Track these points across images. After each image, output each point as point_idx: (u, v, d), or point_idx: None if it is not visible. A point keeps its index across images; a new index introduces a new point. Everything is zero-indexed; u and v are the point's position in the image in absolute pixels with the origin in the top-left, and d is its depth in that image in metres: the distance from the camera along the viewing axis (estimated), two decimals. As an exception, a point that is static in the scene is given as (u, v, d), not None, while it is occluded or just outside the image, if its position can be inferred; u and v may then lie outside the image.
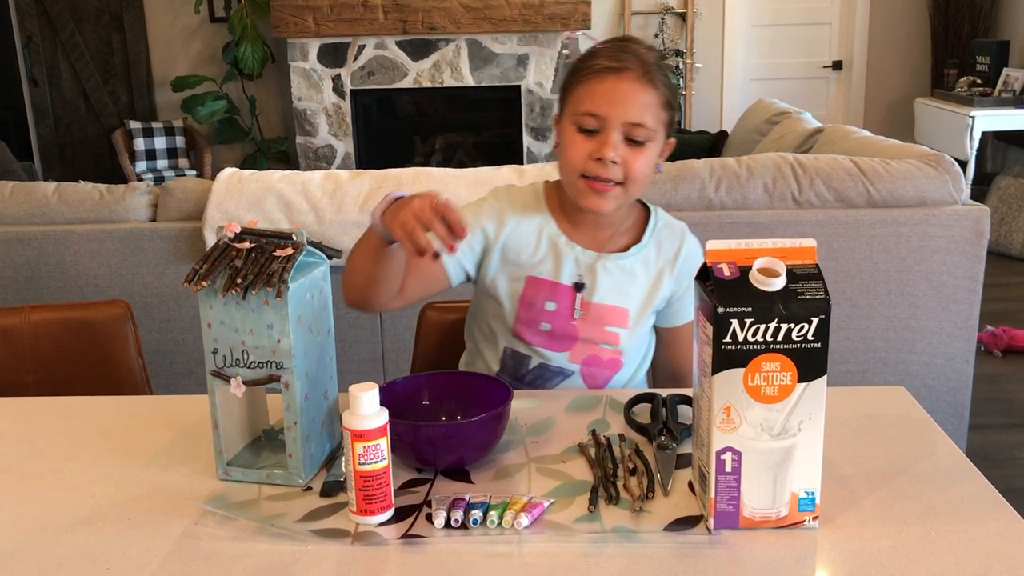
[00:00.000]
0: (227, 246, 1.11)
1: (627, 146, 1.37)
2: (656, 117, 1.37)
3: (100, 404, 1.41)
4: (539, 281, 1.47)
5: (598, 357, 1.48)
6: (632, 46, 1.39)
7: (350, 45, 5.51)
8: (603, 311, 1.47)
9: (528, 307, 1.47)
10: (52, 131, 6.18)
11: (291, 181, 2.52)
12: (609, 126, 1.36)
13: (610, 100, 1.35)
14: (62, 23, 6.00)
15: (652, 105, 1.36)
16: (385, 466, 1.02)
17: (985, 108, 5.08)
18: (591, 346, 1.48)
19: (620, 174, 1.37)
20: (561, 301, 1.47)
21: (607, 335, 1.48)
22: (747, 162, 2.49)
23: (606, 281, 1.47)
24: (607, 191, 1.38)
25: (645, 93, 1.36)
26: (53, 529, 1.04)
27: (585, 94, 1.38)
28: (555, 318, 1.47)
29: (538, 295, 1.47)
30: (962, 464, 1.14)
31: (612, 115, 1.35)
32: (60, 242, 2.52)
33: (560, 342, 1.48)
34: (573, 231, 1.49)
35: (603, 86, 1.36)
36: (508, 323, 1.49)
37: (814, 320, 0.95)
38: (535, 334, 1.48)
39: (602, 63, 1.37)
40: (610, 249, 1.49)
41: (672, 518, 1.03)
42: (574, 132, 1.39)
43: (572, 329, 1.47)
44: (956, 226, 2.39)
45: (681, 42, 5.96)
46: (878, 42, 6.03)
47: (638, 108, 1.35)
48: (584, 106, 1.37)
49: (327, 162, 5.68)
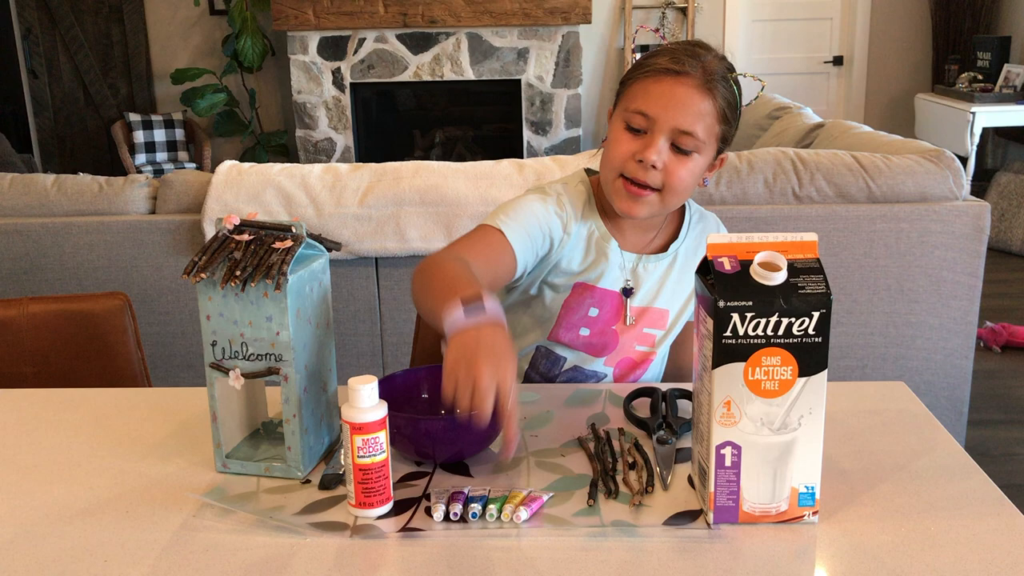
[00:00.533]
0: (226, 238, 1.11)
1: (673, 153, 1.32)
2: (708, 129, 1.32)
3: (98, 396, 1.40)
4: (587, 287, 1.43)
5: (631, 359, 1.47)
6: (700, 51, 1.33)
7: (350, 38, 5.50)
8: (644, 313, 1.45)
9: (571, 312, 1.43)
10: (51, 123, 6.18)
11: (290, 174, 2.52)
12: (657, 129, 1.31)
13: (663, 103, 1.30)
14: (61, 15, 5.99)
15: (706, 115, 1.31)
16: (384, 459, 1.02)
17: (986, 104, 5.08)
18: (629, 350, 1.47)
19: (659, 180, 1.33)
20: (604, 307, 1.44)
21: (644, 337, 1.46)
22: (748, 157, 2.49)
23: (649, 281, 1.45)
24: (642, 196, 1.34)
25: (701, 101, 1.30)
26: (51, 521, 1.04)
27: (640, 91, 1.33)
28: (596, 323, 1.44)
29: (584, 301, 1.43)
30: (962, 460, 1.14)
31: (663, 118, 1.30)
32: (59, 234, 2.52)
33: (599, 347, 1.45)
34: (616, 232, 1.45)
35: (659, 87, 1.31)
36: (547, 326, 1.45)
37: (815, 314, 0.95)
38: (575, 338, 1.45)
39: (663, 63, 1.31)
40: (651, 250, 1.46)
41: (671, 512, 1.03)
42: (622, 129, 1.35)
43: (613, 335, 1.45)
44: (956, 222, 2.39)
45: (682, 36, 5.94)
46: (879, 37, 6.02)
47: (691, 116, 1.30)
48: (636, 104, 1.32)
49: (327, 155, 5.68)
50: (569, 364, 1.47)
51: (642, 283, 1.45)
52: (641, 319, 1.46)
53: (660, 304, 1.46)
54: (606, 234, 1.44)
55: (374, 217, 2.46)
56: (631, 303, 1.44)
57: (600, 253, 1.43)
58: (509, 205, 1.39)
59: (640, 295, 1.45)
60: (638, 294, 1.45)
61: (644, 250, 1.46)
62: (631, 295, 1.44)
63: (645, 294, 1.45)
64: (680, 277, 1.47)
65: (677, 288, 1.47)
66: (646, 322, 1.46)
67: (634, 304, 1.45)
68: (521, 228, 1.35)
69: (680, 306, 1.47)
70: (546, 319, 1.45)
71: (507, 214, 1.36)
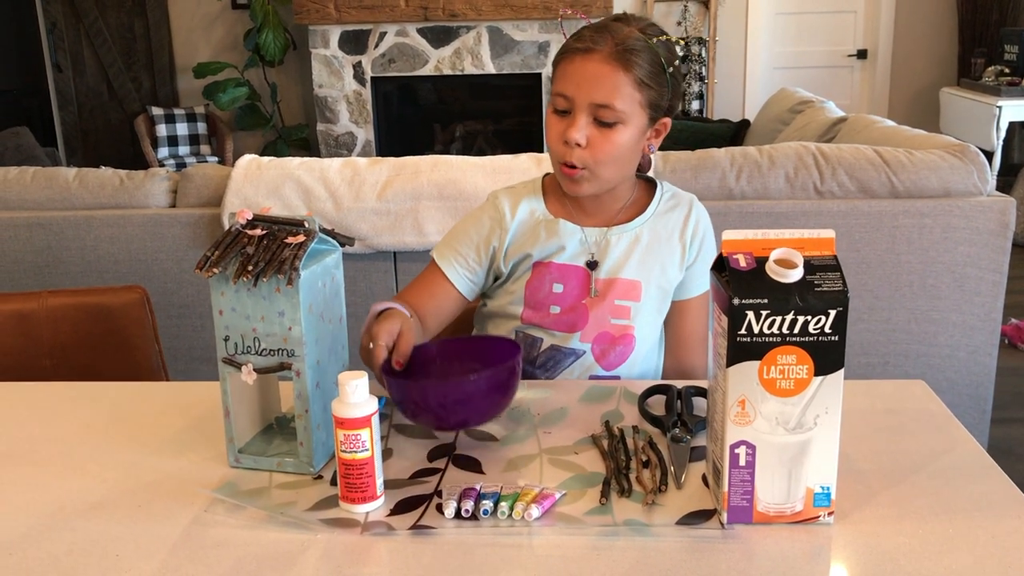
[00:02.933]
0: (239, 233, 1.10)
1: (596, 127, 1.36)
2: (628, 98, 1.34)
3: (114, 390, 1.41)
4: (544, 265, 1.47)
5: (609, 334, 1.47)
6: (614, 25, 1.36)
7: (371, 32, 5.50)
8: (613, 284, 1.46)
9: (536, 291, 1.47)
10: (75, 117, 6.22)
11: (309, 168, 2.52)
12: (577, 107, 1.35)
13: (577, 80, 1.35)
14: (85, 9, 6.03)
15: (621, 85, 1.33)
16: (367, 457, 1.01)
17: (1013, 98, 5.01)
18: (602, 323, 1.47)
19: (586, 158, 1.36)
20: (569, 282, 1.46)
21: (618, 309, 1.47)
22: (769, 151, 2.47)
23: (614, 253, 1.46)
24: (574, 174, 1.38)
25: (613, 74, 1.33)
26: (64, 514, 1.04)
27: (559, 74, 1.38)
28: (564, 299, 1.47)
29: (544, 278, 1.47)
30: (982, 460, 1.12)
31: (578, 96, 1.34)
32: (80, 227, 2.53)
33: (570, 323, 1.47)
34: (578, 213, 1.49)
35: (572, 66, 1.36)
36: (517, 310, 1.49)
37: (831, 312, 0.93)
38: (545, 317, 1.47)
39: (572, 43, 1.37)
40: (616, 223, 1.48)
41: (685, 512, 1.02)
42: (551, 113, 1.40)
43: (583, 308, 1.46)
44: (980, 217, 2.35)
45: (704, 30, 5.91)
46: (904, 30, 5.96)
47: (604, 89, 1.33)
48: (557, 86, 1.38)
49: (347, 149, 5.69)
50: (546, 344, 1.48)
51: (607, 255, 1.46)
52: (610, 291, 1.46)
53: (629, 275, 1.46)
54: (552, 218, 1.48)
55: (392, 211, 2.45)
56: (596, 275, 1.46)
57: (550, 232, 1.47)
58: (451, 231, 1.53)
59: (606, 267, 1.46)
60: (604, 265, 1.46)
61: (609, 223, 1.48)
62: (596, 267, 1.46)
63: (611, 265, 1.46)
64: (648, 254, 1.47)
65: (646, 260, 1.47)
66: (617, 294, 1.46)
67: (601, 276, 1.46)
68: (455, 253, 1.50)
69: (651, 276, 1.47)
70: (515, 303, 1.49)
71: (445, 243, 1.52)
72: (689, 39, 5.87)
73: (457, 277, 1.49)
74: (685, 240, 1.48)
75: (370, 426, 1.01)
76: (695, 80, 5.91)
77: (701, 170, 2.43)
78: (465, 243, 1.50)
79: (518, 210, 1.50)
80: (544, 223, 1.48)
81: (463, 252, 1.50)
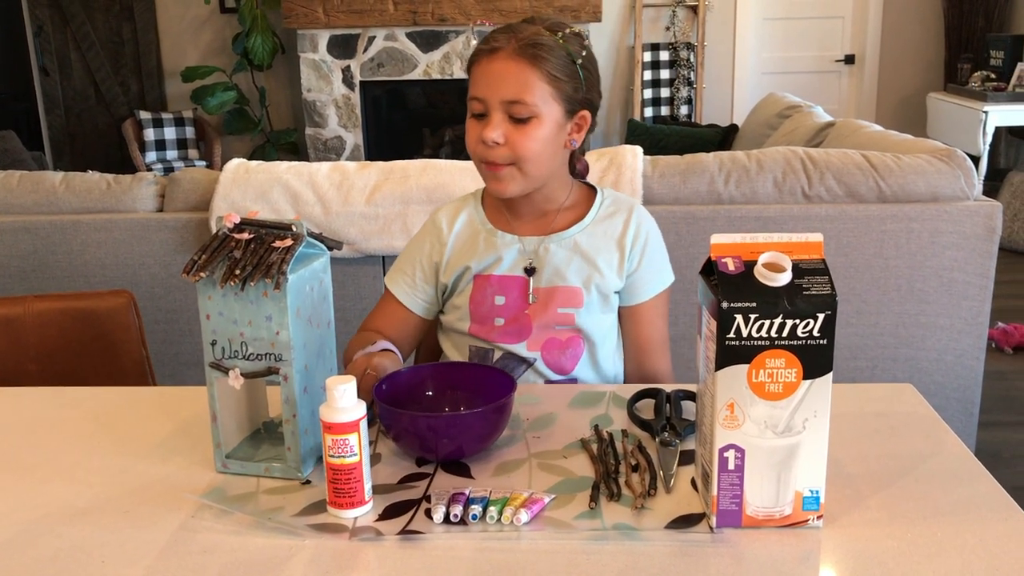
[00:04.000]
0: (226, 237, 1.10)
1: (512, 124, 1.37)
2: (539, 92, 1.36)
3: (100, 395, 1.40)
4: (485, 278, 1.49)
5: (556, 339, 1.48)
6: (519, 25, 1.40)
7: (360, 36, 5.49)
8: (554, 293, 1.47)
9: (479, 305, 1.49)
10: (63, 121, 6.19)
11: (298, 172, 2.51)
12: (490, 107, 1.37)
13: (486, 81, 1.37)
14: (73, 13, 6.01)
15: (531, 80, 1.35)
16: (355, 462, 1.01)
17: (999, 103, 5.04)
18: (547, 331, 1.47)
19: (506, 155, 1.38)
20: (510, 293, 1.48)
21: (561, 317, 1.47)
22: (757, 156, 2.47)
23: (552, 261, 1.47)
24: (498, 172, 1.40)
25: (519, 70, 1.35)
26: (50, 520, 1.04)
27: (471, 79, 1.40)
28: (507, 310, 1.48)
29: (486, 292, 1.48)
30: (970, 464, 1.12)
31: (490, 96, 1.37)
32: (67, 231, 2.52)
33: (515, 334, 1.48)
34: (515, 221, 1.50)
35: (480, 68, 1.38)
36: (464, 325, 1.50)
37: (820, 316, 0.94)
38: (490, 330, 1.48)
39: (480, 46, 1.39)
40: (553, 230, 1.49)
41: (674, 516, 1.02)
42: (469, 119, 1.42)
43: (526, 319, 1.47)
44: (967, 222, 2.36)
45: (693, 35, 5.92)
46: (891, 36, 5.99)
47: (513, 86, 1.35)
48: (471, 91, 1.40)
49: (336, 153, 5.68)
50: (498, 355, 1.49)
51: (546, 263, 1.47)
52: (552, 299, 1.47)
53: (569, 282, 1.47)
54: (492, 227, 1.50)
55: (381, 215, 2.45)
56: (534, 283, 1.47)
57: (488, 245, 1.49)
58: (400, 254, 1.58)
59: (546, 275, 1.47)
60: (543, 274, 1.47)
61: (546, 232, 1.49)
62: (534, 274, 1.47)
63: (550, 274, 1.47)
64: (586, 260, 1.47)
65: (585, 266, 1.47)
66: (559, 302, 1.47)
67: (540, 285, 1.47)
68: (402, 275, 1.55)
69: (591, 283, 1.47)
70: (462, 318, 1.50)
71: (395, 267, 1.57)
72: (678, 44, 5.89)
73: (408, 299, 1.54)
74: (624, 246, 1.48)
75: (358, 431, 1.01)
76: (684, 85, 5.92)
77: (690, 174, 2.44)
78: (410, 264, 1.54)
79: (456, 223, 1.52)
80: (483, 234, 1.50)
81: (409, 273, 1.54)
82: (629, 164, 2.44)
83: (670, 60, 5.92)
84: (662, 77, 5.93)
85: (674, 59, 5.92)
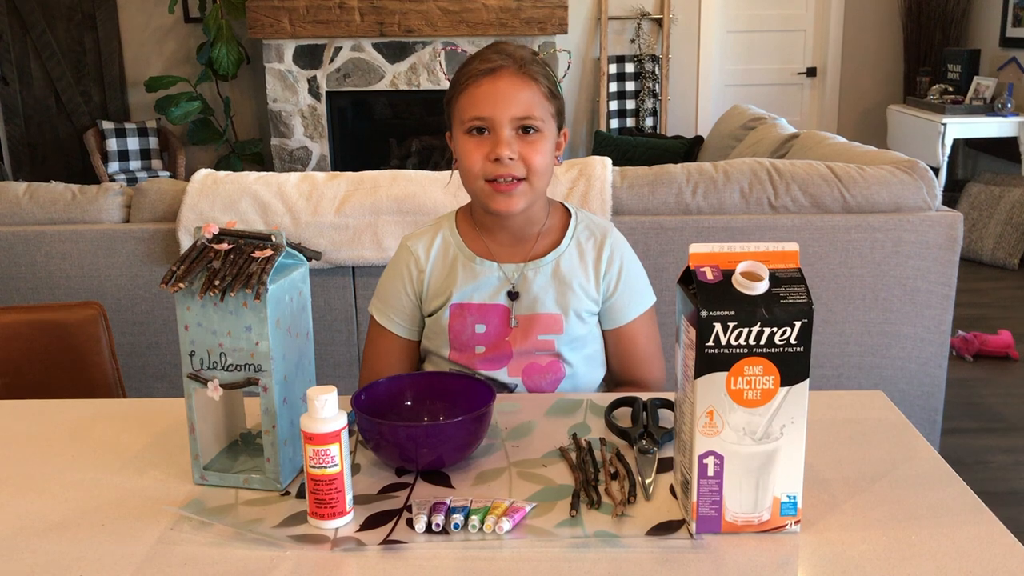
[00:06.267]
0: (205, 247, 1.09)
1: (521, 141, 1.39)
2: (543, 108, 1.40)
3: (72, 407, 1.38)
4: (464, 306, 1.48)
5: (536, 364, 1.48)
6: (502, 46, 1.42)
7: (326, 47, 5.48)
8: (534, 320, 1.47)
9: (459, 334, 1.48)
10: (22, 130, 6.10)
11: (267, 183, 2.50)
12: (498, 125, 1.38)
13: (493, 100, 1.37)
14: (33, 21, 5.93)
15: (535, 97, 1.39)
16: (336, 472, 1.01)
17: (956, 116, 5.14)
18: (527, 356, 1.48)
19: (521, 170, 1.39)
20: (490, 321, 1.48)
21: (541, 343, 1.48)
22: (724, 167, 2.50)
23: (533, 288, 1.47)
24: (511, 189, 1.40)
25: (525, 87, 1.38)
26: (25, 535, 1.02)
27: (468, 102, 1.39)
28: (487, 338, 1.48)
29: (465, 320, 1.48)
30: (941, 468, 1.14)
31: (498, 114, 1.37)
32: (31, 243, 2.48)
33: (496, 361, 1.48)
34: (494, 247, 1.50)
35: (482, 89, 1.38)
36: (444, 351, 1.50)
37: (797, 324, 0.95)
38: (471, 358, 1.48)
39: (476, 68, 1.39)
40: (532, 257, 1.49)
41: (654, 522, 1.03)
42: (467, 140, 1.40)
43: (506, 346, 1.47)
44: (930, 232, 2.41)
45: (657, 47, 5.98)
46: (851, 49, 6.09)
47: (522, 103, 1.38)
48: (469, 113, 1.39)
49: (302, 164, 5.65)
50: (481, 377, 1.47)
51: (526, 290, 1.48)
52: (533, 326, 1.47)
53: (548, 309, 1.48)
54: (471, 253, 1.49)
55: (351, 226, 2.44)
56: (516, 309, 1.48)
57: (467, 272, 1.49)
58: (379, 286, 1.57)
59: (527, 301, 1.48)
60: (524, 300, 1.48)
61: (527, 258, 1.49)
62: (516, 298, 1.48)
63: (531, 301, 1.48)
64: (564, 286, 1.48)
65: (564, 292, 1.48)
66: (539, 329, 1.47)
67: (520, 312, 1.48)
68: (387, 306, 1.55)
69: (570, 309, 1.48)
70: (442, 345, 1.50)
71: (378, 297, 1.56)
72: (643, 56, 5.94)
73: (398, 328, 1.54)
74: (599, 272, 1.49)
75: (339, 441, 1.01)
76: (649, 97, 5.97)
77: (658, 185, 2.46)
78: (393, 293, 1.54)
79: (432, 250, 1.52)
80: (461, 260, 1.50)
81: (393, 303, 1.54)
82: (599, 175, 2.46)
83: (635, 72, 5.97)
84: (627, 89, 5.98)
85: (639, 71, 5.97)
